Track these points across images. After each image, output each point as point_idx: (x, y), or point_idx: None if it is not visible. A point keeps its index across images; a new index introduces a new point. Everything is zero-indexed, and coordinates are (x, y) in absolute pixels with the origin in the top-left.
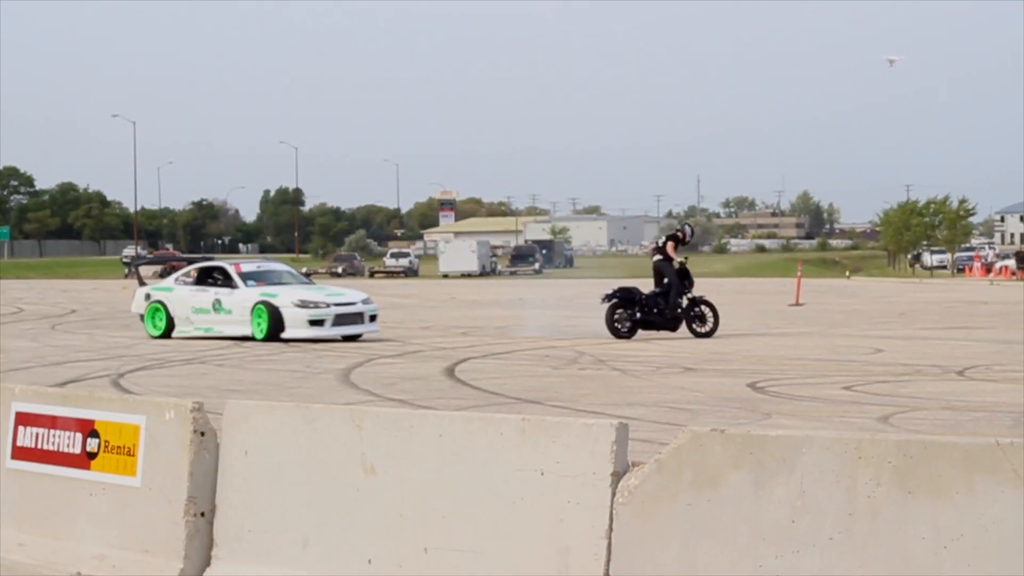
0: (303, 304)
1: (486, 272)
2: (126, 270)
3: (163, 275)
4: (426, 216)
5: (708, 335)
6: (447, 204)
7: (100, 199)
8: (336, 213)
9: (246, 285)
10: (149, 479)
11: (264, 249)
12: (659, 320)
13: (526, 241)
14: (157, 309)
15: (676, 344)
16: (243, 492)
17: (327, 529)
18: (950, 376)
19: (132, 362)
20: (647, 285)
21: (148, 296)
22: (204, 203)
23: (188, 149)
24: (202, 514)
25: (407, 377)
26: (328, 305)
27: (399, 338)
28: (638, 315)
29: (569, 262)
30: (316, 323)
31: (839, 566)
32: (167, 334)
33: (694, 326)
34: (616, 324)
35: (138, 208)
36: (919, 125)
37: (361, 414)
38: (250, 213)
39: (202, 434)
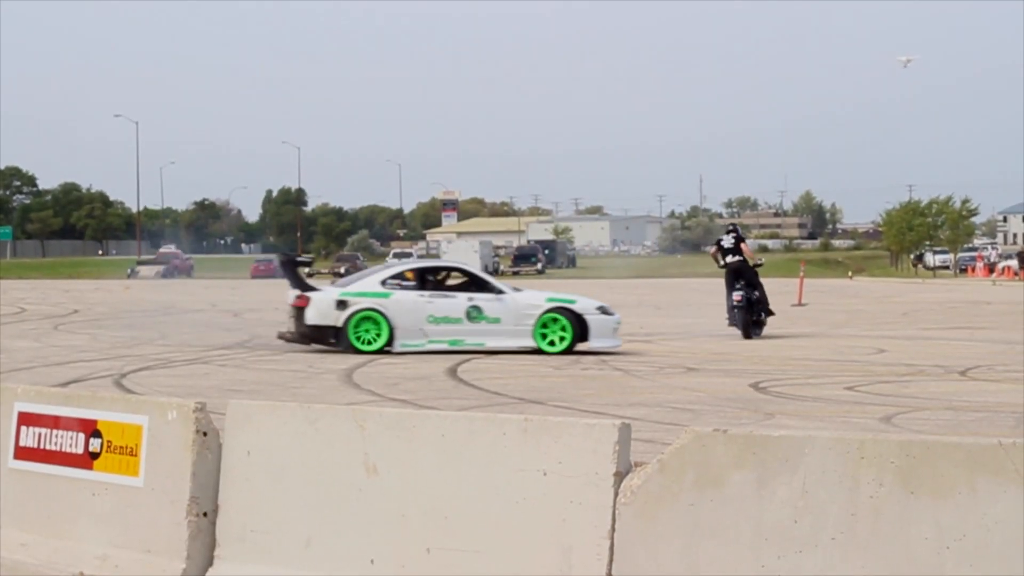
0: (604, 311)
1: (489, 272)
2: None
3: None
4: (428, 216)
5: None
6: (449, 204)
7: (103, 199)
8: (339, 213)
9: (513, 290)
10: (152, 479)
11: (266, 249)
12: (761, 320)
13: (528, 241)
14: (369, 318)
15: (678, 344)
16: (245, 492)
17: (329, 529)
18: (953, 376)
19: (134, 362)
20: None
21: (344, 303)
22: (207, 203)
23: (190, 149)
24: (204, 514)
25: (409, 377)
26: (615, 314)
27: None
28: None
29: (572, 262)
30: (615, 331)
31: (841, 566)
32: (384, 349)
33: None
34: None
35: (140, 208)
36: (922, 125)
37: (363, 414)
38: (252, 213)
39: (204, 434)
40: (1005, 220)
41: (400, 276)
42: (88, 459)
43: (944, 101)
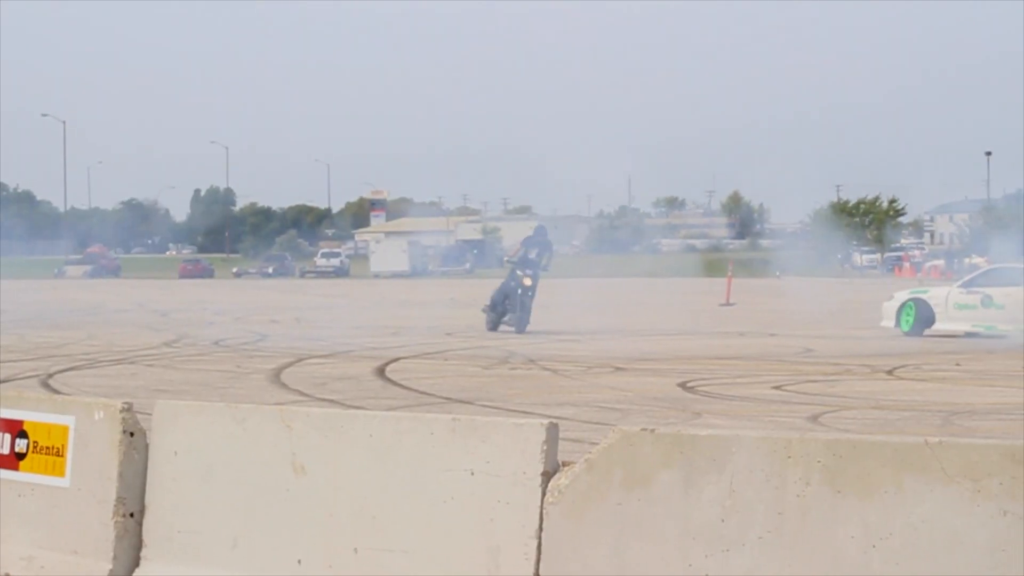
0: None
1: (417, 272)
2: None
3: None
4: (357, 216)
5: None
6: (378, 204)
7: (29, 199)
8: (267, 213)
9: None
10: (78, 480)
11: (194, 249)
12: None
13: (457, 241)
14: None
15: (607, 344)
16: (173, 492)
17: (257, 529)
18: (879, 375)
19: (61, 362)
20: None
21: None
22: (134, 203)
23: (118, 149)
24: (131, 515)
25: (337, 377)
26: None
27: (329, 338)
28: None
29: (500, 262)
30: None
31: (769, 565)
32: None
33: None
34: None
35: (68, 208)
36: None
37: (291, 414)
38: (180, 213)
39: (131, 434)
40: (932, 220)
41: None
42: (14, 460)
43: (872, 102)
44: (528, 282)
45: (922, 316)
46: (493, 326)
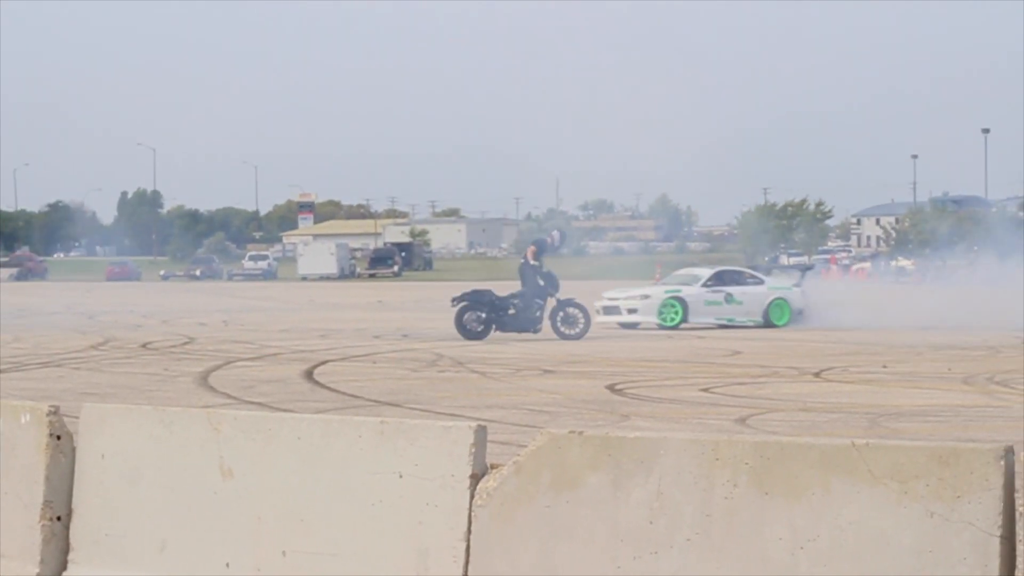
0: None
1: (345, 275)
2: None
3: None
4: (285, 218)
5: (577, 337)
6: (306, 206)
7: None
8: (194, 215)
9: None
10: (4, 483)
11: (122, 252)
12: (513, 321)
13: (385, 243)
14: None
15: (535, 346)
16: (100, 496)
17: (185, 532)
18: (807, 377)
19: None
20: (510, 287)
21: None
22: (60, 205)
23: (44, 151)
24: (58, 518)
25: (265, 380)
26: None
27: (257, 341)
28: (489, 316)
29: (428, 264)
30: None
31: (697, 567)
32: None
33: (562, 328)
34: (466, 325)
35: None
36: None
37: (219, 417)
38: (107, 215)
39: (58, 437)
40: (859, 223)
41: None
42: None
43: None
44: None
45: (681, 312)
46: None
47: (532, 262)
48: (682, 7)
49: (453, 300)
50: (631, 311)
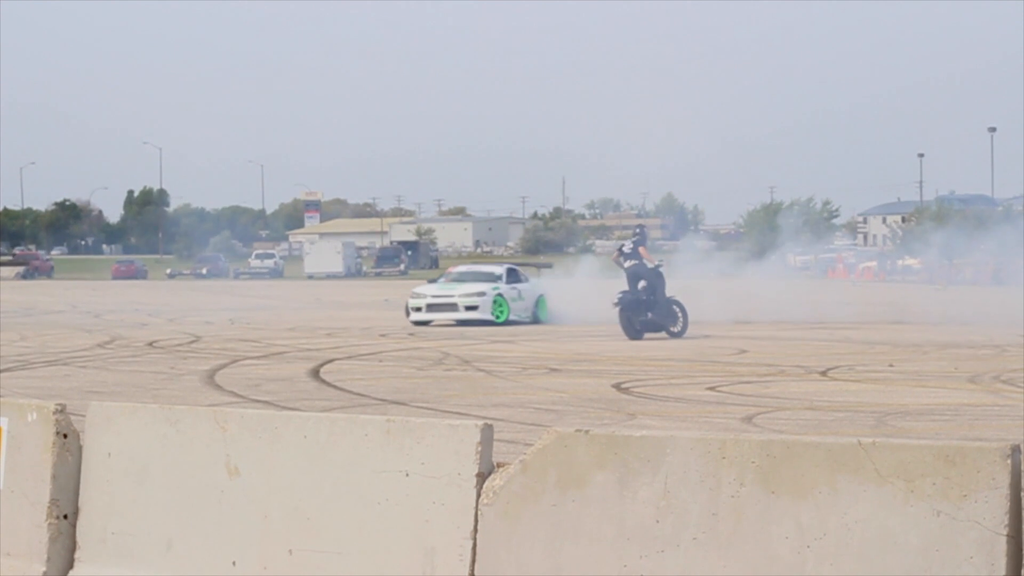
0: None
1: (351, 273)
2: None
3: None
4: (291, 217)
5: (679, 335)
6: (312, 205)
7: None
8: (201, 214)
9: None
10: (11, 482)
11: (128, 250)
12: (659, 320)
13: (391, 242)
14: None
15: (541, 345)
16: (106, 494)
17: (191, 531)
18: (813, 376)
19: None
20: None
21: None
22: (67, 203)
23: (51, 149)
24: (65, 516)
25: (272, 378)
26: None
27: (263, 339)
28: (648, 316)
29: (435, 263)
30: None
31: (703, 566)
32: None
33: (670, 327)
34: (635, 326)
35: (0, 209)
36: (783, 126)
37: (225, 415)
38: (114, 214)
39: (65, 436)
40: (865, 221)
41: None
42: None
43: (805, 105)
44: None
45: (507, 308)
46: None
47: (649, 264)
48: (689, 6)
49: (615, 303)
50: (470, 308)
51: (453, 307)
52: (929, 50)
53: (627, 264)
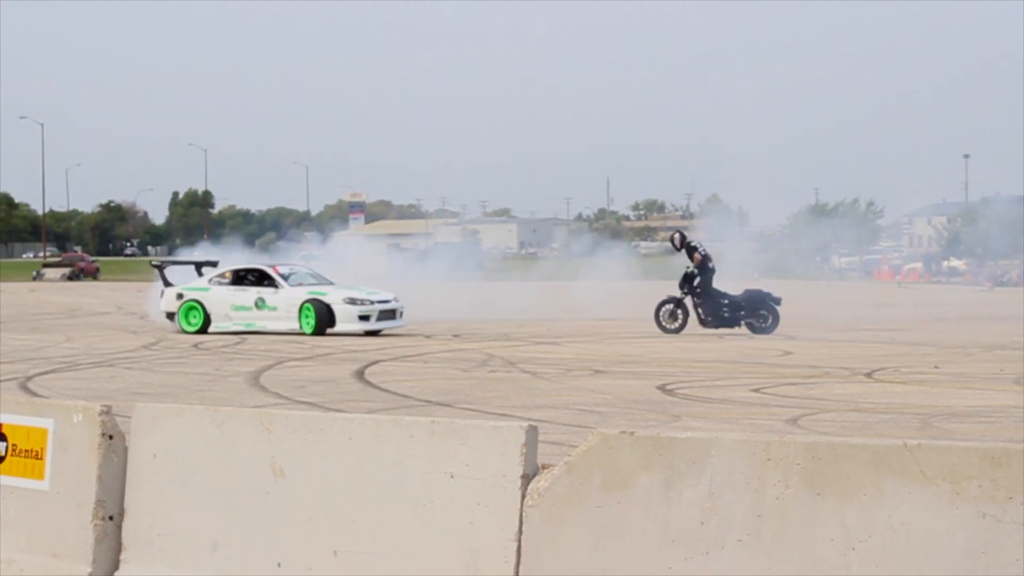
0: (352, 301)
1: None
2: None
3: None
4: (336, 218)
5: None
6: (357, 206)
7: (7, 201)
8: (246, 215)
9: (289, 285)
10: (57, 483)
11: (173, 251)
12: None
13: (436, 243)
14: (193, 307)
15: (585, 346)
16: (152, 495)
17: (236, 532)
18: (858, 378)
19: (40, 365)
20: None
21: (181, 296)
22: (112, 205)
23: (97, 151)
24: (111, 517)
25: (317, 380)
26: (372, 302)
27: (308, 341)
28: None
29: (479, 265)
30: (364, 318)
31: (748, 567)
32: (203, 330)
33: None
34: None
35: (46, 210)
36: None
37: (270, 417)
38: (159, 215)
39: (110, 437)
40: (910, 223)
41: (221, 275)
42: None
43: (850, 106)
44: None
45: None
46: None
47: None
48: (730, 7)
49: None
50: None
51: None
52: (975, 50)
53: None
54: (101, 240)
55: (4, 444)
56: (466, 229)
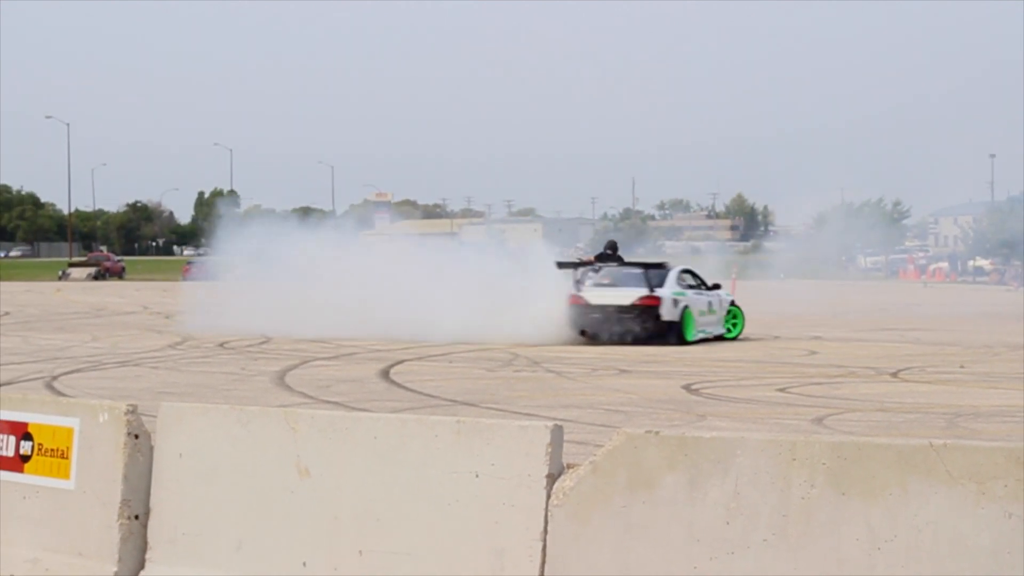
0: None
1: None
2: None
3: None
4: (361, 218)
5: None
6: (382, 206)
7: (33, 201)
8: (271, 214)
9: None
10: (83, 482)
11: (199, 251)
12: None
13: (462, 243)
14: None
15: (610, 347)
16: (177, 494)
17: (261, 531)
18: (884, 377)
19: (66, 364)
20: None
21: (676, 301)
22: (138, 205)
23: (122, 151)
24: (136, 517)
25: (342, 379)
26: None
27: (334, 340)
28: None
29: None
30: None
31: (773, 567)
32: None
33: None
34: None
35: (72, 210)
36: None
37: (296, 416)
38: (185, 215)
39: (136, 436)
40: (936, 222)
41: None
42: (19, 462)
43: (875, 105)
44: None
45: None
46: None
47: None
48: (754, 7)
49: None
50: None
51: None
52: (1000, 48)
53: None
54: (127, 240)
55: (30, 443)
56: (492, 229)
